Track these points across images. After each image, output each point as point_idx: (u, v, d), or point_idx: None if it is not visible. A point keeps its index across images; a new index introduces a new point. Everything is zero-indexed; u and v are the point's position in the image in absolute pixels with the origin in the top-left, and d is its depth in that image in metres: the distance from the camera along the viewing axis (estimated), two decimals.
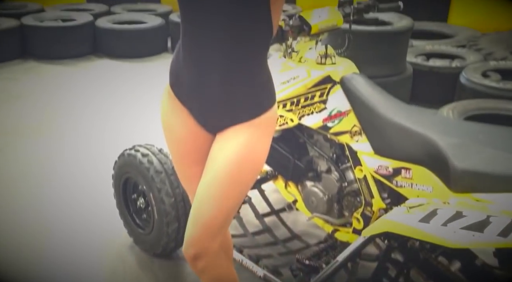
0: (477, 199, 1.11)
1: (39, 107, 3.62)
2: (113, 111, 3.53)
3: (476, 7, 4.54)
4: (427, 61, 3.50)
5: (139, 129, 3.13)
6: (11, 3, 5.29)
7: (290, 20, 1.67)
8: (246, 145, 1.18)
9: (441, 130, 1.34)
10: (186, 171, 1.33)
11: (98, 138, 3.08)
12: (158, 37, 5.01)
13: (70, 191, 2.48)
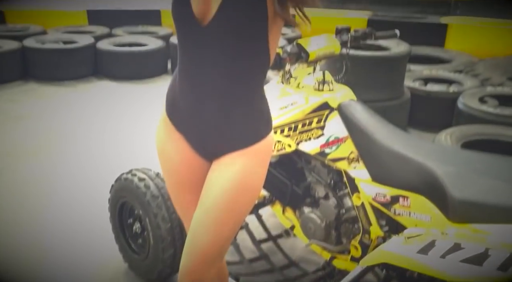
0: (476, 230, 1.10)
1: (39, 129, 3.63)
2: (112, 133, 3.53)
3: (473, 33, 4.61)
4: (425, 86, 3.53)
5: (138, 151, 3.13)
6: (14, 26, 5.36)
7: (288, 48, 1.69)
8: (242, 172, 1.17)
9: (438, 158, 1.34)
10: (182, 199, 1.32)
11: (96, 161, 3.08)
12: (158, 59, 5.06)
13: (67, 214, 2.46)
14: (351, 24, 5.81)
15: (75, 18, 5.89)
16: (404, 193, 1.39)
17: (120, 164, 2.69)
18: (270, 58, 1.15)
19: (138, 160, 2.77)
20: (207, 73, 1.12)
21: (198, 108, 1.16)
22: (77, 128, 3.63)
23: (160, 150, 1.30)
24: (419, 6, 7.45)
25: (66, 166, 3.01)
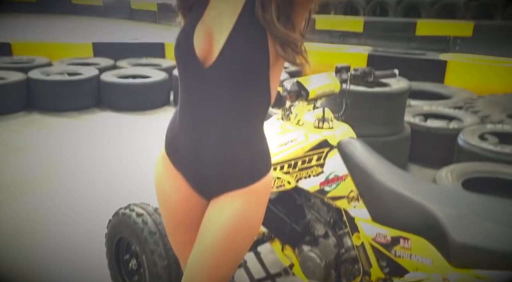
0: (477, 275, 1.07)
1: (39, 160, 3.63)
2: (113, 165, 3.53)
3: (472, 70, 4.68)
4: (425, 122, 3.54)
5: (138, 184, 3.11)
6: (20, 57, 5.46)
7: (288, 86, 1.71)
8: (241, 212, 1.16)
9: (439, 200, 1.32)
10: (179, 237, 1.30)
11: (95, 194, 3.06)
12: (161, 91, 5.12)
13: (64, 248, 2.43)
14: (351, 59, 5.96)
15: (81, 50, 6.01)
16: (405, 234, 1.37)
17: (119, 196, 2.67)
18: (271, 97, 1.16)
19: (137, 192, 2.75)
20: (208, 113, 1.13)
21: (198, 147, 1.16)
22: (78, 159, 3.63)
23: (158, 188, 1.30)
24: (418, 41, 7.61)
25: (66, 199, 2.99)
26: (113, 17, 12.80)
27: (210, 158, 1.15)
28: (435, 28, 7.73)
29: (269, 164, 1.24)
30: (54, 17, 12.21)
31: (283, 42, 1.05)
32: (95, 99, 4.98)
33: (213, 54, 1.09)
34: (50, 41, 6.19)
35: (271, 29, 1.04)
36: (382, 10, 10.94)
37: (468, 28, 7.29)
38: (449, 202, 1.32)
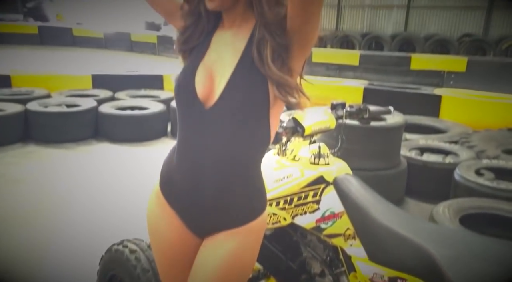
0: None
1: (35, 193, 3.59)
2: (107, 198, 3.50)
3: (465, 104, 4.74)
4: (421, 156, 3.55)
5: (133, 217, 3.08)
6: (19, 89, 5.50)
7: (284, 122, 1.72)
8: (235, 251, 1.15)
9: (436, 240, 1.31)
10: (171, 276, 1.28)
11: (89, 228, 3.01)
12: (159, 123, 5.14)
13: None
14: (347, 93, 6.02)
15: (80, 82, 6.06)
16: (402, 275, 1.35)
17: (114, 230, 2.64)
18: (271, 137, 1.17)
19: (132, 226, 2.72)
20: (207, 153, 1.13)
21: (196, 186, 1.16)
22: (74, 192, 3.60)
23: (150, 225, 1.28)
24: (413, 75, 7.74)
25: (59, 232, 2.95)
26: (114, 49, 13.01)
27: (208, 199, 1.15)
28: (430, 63, 7.88)
29: (265, 201, 1.24)
30: (56, 49, 12.40)
31: (278, 85, 1.07)
32: (93, 131, 5.00)
33: (214, 95, 1.11)
34: (50, 73, 6.26)
35: (266, 72, 1.06)
36: (377, 44, 11.20)
37: (462, 64, 7.45)
38: (446, 242, 1.31)
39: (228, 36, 1.15)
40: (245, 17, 1.13)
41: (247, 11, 1.13)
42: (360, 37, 11.37)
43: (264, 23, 1.06)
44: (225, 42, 1.15)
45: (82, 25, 14.07)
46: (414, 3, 11.04)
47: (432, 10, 10.88)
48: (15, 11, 16.94)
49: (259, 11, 1.06)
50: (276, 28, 1.05)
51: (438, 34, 10.70)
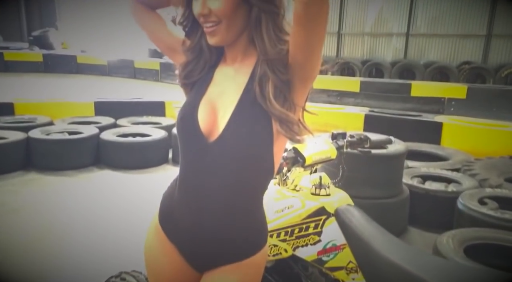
0: None
1: (36, 221, 3.56)
2: (108, 227, 3.46)
3: (467, 132, 4.74)
4: (423, 184, 3.53)
5: (132, 247, 3.04)
6: (22, 117, 5.54)
7: (285, 153, 1.71)
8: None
9: (440, 274, 1.28)
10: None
11: (89, 258, 2.97)
12: (160, 149, 5.14)
13: None
14: (348, 119, 6.00)
15: (83, 109, 6.10)
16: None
17: (112, 261, 2.60)
18: (274, 170, 1.16)
19: (130, 258, 2.68)
20: (210, 186, 1.13)
21: (197, 220, 1.15)
22: (72, 221, 3.57)
23: (148, 258, 1.26)
24: (414, 102, 7.79)
25: (58, 262, 2.90)
26: (117, 76, 13.17)
27: (209, 233, 1.14)
28: (430, 90, 7.94)
29: (266, 235, 1.22)
30: (60, 76, 12.56)
31: (280, 121, 1.07)
32: (94, 158, 4.99)
33: (218, 129, 1.11)
34: (53, 100, 6.31)
35: (268, 108, 1.06)
36: (377, 71, 11.32)
37: (462, 91, 7.50)
38: (450, 277, 1.28)
39: (230, 71, 1.16)
40: (247, 53, 1.15)
41: (249, 46, 1.14)
42: (360, 64, 11.50)
43: (266, 60, 1.07)
44: (227, 77, 1.16)
45: (86, 52, 14.30)
46: (413, 31, 11.21)
47: (431, 38, 11.05)
48: (21, 40, 17.29)
49: (261, 48, 1.08)
50: (278, 64, 1.06)
51: (437, 61, 10.82)
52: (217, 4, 1.06)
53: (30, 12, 18.64)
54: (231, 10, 1.06)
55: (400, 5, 11.19)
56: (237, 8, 1.07)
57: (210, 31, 1.09)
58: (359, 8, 11.70)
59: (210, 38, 1.11)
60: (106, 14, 16.52)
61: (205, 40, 1.14)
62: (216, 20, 1.07)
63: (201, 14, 1.08)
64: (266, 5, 1.06)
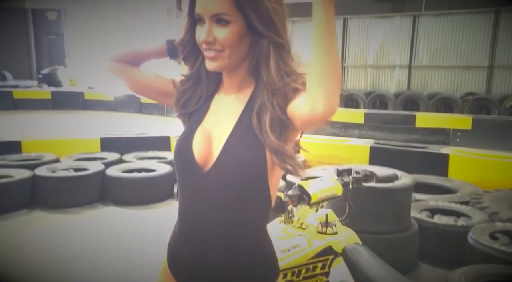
0: None
1: (40, 260, 3.51)
2: (112, 266, 3.41)
3: (474, 164, 4.69)
4: (432, 218, 3.46)
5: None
6: (28, 154, 5.57)
7: (290, 191, 1.70)
8: None
9: None
10: None
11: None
12: (165, 185, 5.12)
13: None
14: (354, 152, 5.95)
15: (89, 146, 6.14)
16: None
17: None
18: (271, 200, 1.15)
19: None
20: (208, 219, 1.12)
21: (199, 257, 1.13)
22: (76, 260, 3.52)
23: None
24: (419, 133, 7.77)
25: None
26: (124, 111, 13.33)
27: (213, 270, 1.12)
28: (435, 121, 7.94)
29: (276, 271, 1.19)
30: (68, 113, 12.73)
31: (275, 152, 1.07)
32: (99, 194, 4.98)
33: (212, 159, 1.11)
34: (59, 137, 6.36)
35: (264, 138, 1.07)
36: (381, 102, 11.38)
37: (467, 122, 7.50)
38: None
39: (227, 100, 1.17)
40: (245, 82, 1.15)
41: (247, 76, 1.15)
42: (364, 95, 11.58)
43: (271, 91, 1.07)
44: (223, 106, 1.17)
45: (94, 89, 14.55)
46: (415, 63, 11.34)
47: (433, 70, 11.15)
48: (30, 77, 17.68)
49: (267, 79, 1.08)
50: (280, 98, 1.06)
51: (441, 92, 10.88)
52: (223, 34, 1.07)
53: (39, 51, 19.15)
54: (236, 40, 1.08)
55: (402, 38, 11.37)
56: (242, 37, 1.08)
57: (212, 57, 1.10)
58: (361, 42, 11.89)
59: (210, 63, 1.11)
60: (114, 51, 16.92)
61: (204, 68, 1.15)
62: (220, 49, 1.08)
63: (206, 42, 1.09)
64: (275, 37, 1.07)
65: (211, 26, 1.07)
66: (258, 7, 1.05)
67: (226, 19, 1.06)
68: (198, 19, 1.10)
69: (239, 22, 1.06)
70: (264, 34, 1.07)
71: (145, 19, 15.77)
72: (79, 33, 17.99)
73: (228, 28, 1.06)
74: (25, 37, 18.71)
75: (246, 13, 1.05)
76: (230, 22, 1.06)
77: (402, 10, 12.12)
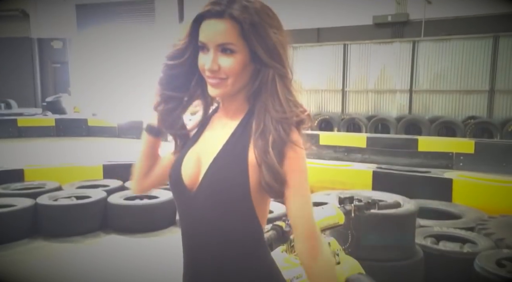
0: None
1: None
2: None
3: (478, 188, 4.65)
4: (437, 244, 3.41)
5: None
6: (31, 182, 5.57)
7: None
8: None
9: None
10: None
11: None
12: (167, 211, 5.08)
13: None
14: (356, 177, 5.91)
15: (92, 173, 6.14)
16: None
17: None
18: (260, 224, 1.15)
19: None
20: (201, 240, 1.15)
21: (198, 275, 1.15)
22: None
23: None
24: (422, 157, 7.74)
25: None
26: (127, 137, 13.38)
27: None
28: (437, 145, 7.93)
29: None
30: (71, 140, 12.79)
31: (273, 174, 1.08)
32: (101, 222, 4.95)
33: (198, 180, 1.15)
34: (61, 165, 6.37)
35: (266, 159, 1.08)
36: (383, 126, 11.41)
37: (470, 146, 7.48)
38: None
39: (220, 123, 1.21)
40: (240, 108, 1.18)
41: (243, 102, 1.18)
42: (366, 119, 11.62)
43: (276, 118, 1.09)
44: (216, 129, 1.21)
45: (97, 115, 14.66)
46: (416, 88, 11.42)
47: (434, 94, 11.22)
48: (35, 105, 17.87)
49: (273, 107, 1.10)
50: (285, 125, 1.09)
51: (443, 116, 10.91)
52: (228, 63, 1.09)
53: (44, 79, 19.42)
54: (241, 69, 1.10)
55: (402, 63, 11.48)
56: (246, 66, 1.11)
57: (215, 84, 1.13)
58: (362, 66, 12.01)
59: (214, 90, 1.14)
60: (117, 78, 17.16)
61: (205, 95, 1.20)
62: (224, 77, 1.11)
63: (211, 70, 1.11)
64: (279, 68, 1.10)
65: (216, 55, 1.10)
66: (263, 38, 1.08)
67: (231, 48, 1.08)
68: (201, 47, 1.13)
69: (244, 51, 1.09)
70: (269, 64, 1.10)
71: (148, 47, 16.05)
72: (83, 61, 18.29)
73: (233, 58, 1.09)
74: (31, 66, 19.01)
75: (252, 44, 1.08)
76: (235, 51, 1.09)
77: (401, 35, 12.31)
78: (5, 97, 17.28)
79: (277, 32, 1.10)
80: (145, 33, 16.60)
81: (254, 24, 1.07)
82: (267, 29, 1.09)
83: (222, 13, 1.07)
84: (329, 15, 13.28)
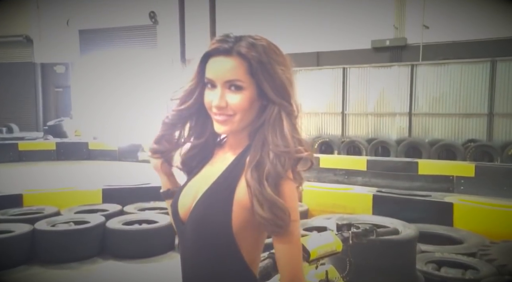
0: None
1: None
2: None
3: (480, 213, 4.61)
4: (439, 270, 3.37)
5: None
6: (30, 208, 5.54)
7: None
8: None
9: None
10: None
11: None
12: (166, 236, 5.03)
13: None
14: (356, 200, 5.88)
15: (91, 197, 6.11)
16: None
17: None
18: (245, 262, 1.14)
19: None
20: (194, 269, 1.16)
21: None
22: None
23: None
24: (422, 180, 7.71)
25: None
26: (127, 161, 13.38)
27: None
28: (438, 168, 7.91)
29: None
30: (72, 164, 12.79)
31: (268, 205, 1.06)
32: (99, 248, 4.89)
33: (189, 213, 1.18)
34: (61, 190, 6.34)
35: (261, 190, 1.07)
36: (383, 149, 11.40)
37: (470, 169, 7.47)
38: None
39: (220, 158, 1.22)
40: (242, 142, 1.19)
41: (246, 137, 1.18)
42: (366, 142, 11.63)
43: (276, 152, 1.09)
44: (215, 162, 1.22)
45: (98, 139, 14.69)
46: (415, 111, 11.48)
47: (434, 117, 11.27)
48: (36, 129, 17.95)
49: (274, 142, 1.10)
50: (285, 160, 1.09)
51: (443, 139, 10.92)
52: (236, 100, 1.10)
53: (46, 103, 19.58)
54: (248, 106, 1.11)
55: (401, 86, 11.58)
56: (253, 102, 1.12)
57: (222, 121, 1.13)
58: (361, 90, 12.11)
59: (220, 127, 1.14)
60: (118, 102, 17.29)
61: (211, 132, 1.22)
62: (231, 113, 1.11)
63: (218, 107, 1.11)
64: (286, 105, 1.11)
65: (224, 91, 1.11)
66: (271, 75, 1.09)
67: (240, 85, 1.09)
68: (208, 83, 1.13)
69: (252, 88, 1.10)
70: (276, 101, 1.11)
71: (149, 71, 16.23)
72: (86, 85, 18.47)
73: (241, 94, 1.10)
74: (33, 90, 19.20)
75: (260, 81, 1.10)
76: (243, 88, 1.10)
77: (399, 59, 12.46)
78: (7, 122, 17.38)
79: (284, 69, 1.11)
80: (147, 58, 16.81)
81: (262, 62, 1.08)
82: (275, 66, 1.10)
83: (230, 50, 1.09)
84: (329, 39, 13.50)
